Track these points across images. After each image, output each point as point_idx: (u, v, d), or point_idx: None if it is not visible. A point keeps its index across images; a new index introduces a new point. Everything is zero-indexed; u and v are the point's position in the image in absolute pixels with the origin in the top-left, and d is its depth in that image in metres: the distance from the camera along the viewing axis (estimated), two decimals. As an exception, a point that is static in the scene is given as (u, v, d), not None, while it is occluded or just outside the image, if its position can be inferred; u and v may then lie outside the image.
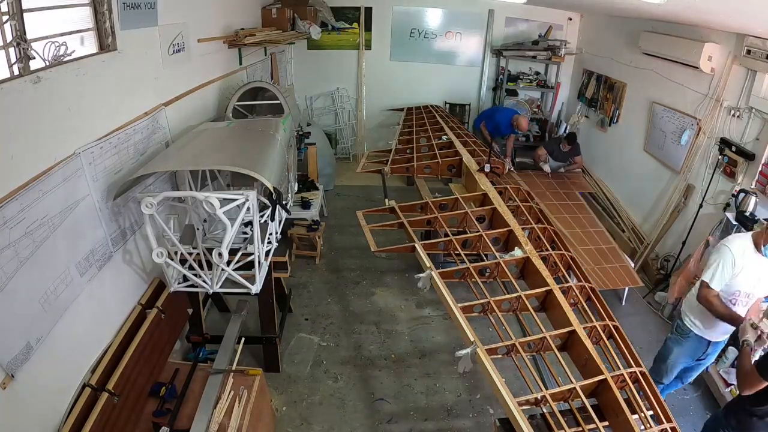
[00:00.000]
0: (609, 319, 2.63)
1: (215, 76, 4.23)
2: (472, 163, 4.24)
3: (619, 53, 5.78)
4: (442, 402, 3.47)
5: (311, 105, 7.60)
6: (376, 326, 4.20)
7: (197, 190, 3.06)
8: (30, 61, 2.04)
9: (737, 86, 3.94)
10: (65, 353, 2.26)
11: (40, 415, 2.11)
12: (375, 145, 7.42)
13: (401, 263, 5.04)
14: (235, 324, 3.30)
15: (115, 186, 2.61)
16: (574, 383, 2.24)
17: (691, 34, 4.30)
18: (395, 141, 5.20)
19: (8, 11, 1.93)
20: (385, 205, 3.56)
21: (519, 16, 7.04)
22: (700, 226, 4.21)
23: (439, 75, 7.41)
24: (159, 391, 2.68)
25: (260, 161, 2.75)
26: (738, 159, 3.83)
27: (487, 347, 2.36)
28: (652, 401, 2.24)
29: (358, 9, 7.05)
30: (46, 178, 2.10)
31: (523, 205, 3.54)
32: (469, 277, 2.91)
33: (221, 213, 2.39)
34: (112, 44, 2.64)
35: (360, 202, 6.47)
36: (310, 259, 5.09)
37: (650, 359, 3.16)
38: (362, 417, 3.34)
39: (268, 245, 3.10)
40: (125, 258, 2.85)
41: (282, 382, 3.56)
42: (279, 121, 3.65)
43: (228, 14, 4.53)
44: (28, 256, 1.99)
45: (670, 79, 4.78)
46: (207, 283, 2.78)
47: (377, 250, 3.21)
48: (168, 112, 3.25)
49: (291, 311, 4.26)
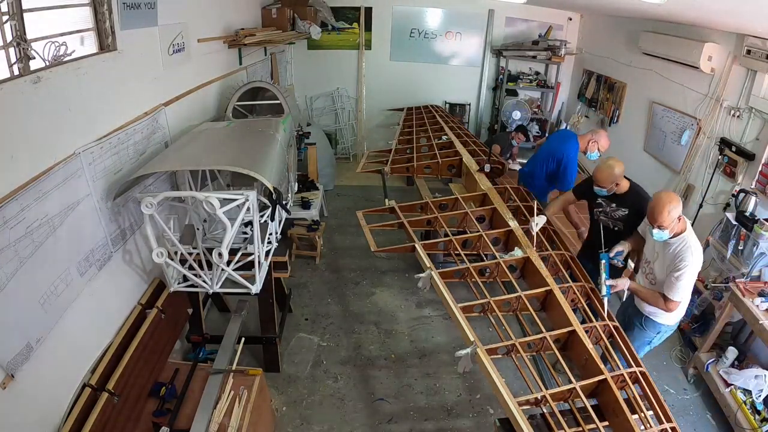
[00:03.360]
0: (609, 319, 2.63)
1: (215, 76, 4.23)
2: (472, 163, 4.24)
3: (619, 53, 5.78)
4: (442, 402, 3.47)
5: (311, 105, 7.60)
6: (376, 326, 4.20)
7: (197, 190, 3.05)
8: (30, 61, 2.04)
9: (737, 86, 3.94)
10: (65, 353, 2.26)
11: (40, 415, 2.11)
12: (375, 145, 7.42)
13: (401, 263, 5.04)
14: (235, 324, 3.30)
15: (114, 186, 2.61)
16: (574, 383, 2.24)
17: (691, 34, 4.30)
18: (395, 141, 5.19)
19: (8, 11, 1.93)
20: (385, 205, 3.56)
21: (519, 16, 7.04)
22: (700, 226, 4.20)
23: (439, 75, 7.41)
24: (159, 391, 2.68)
25: (260, 161, 2.75)
26: (738, 159, 3.83)
27: (487, 347, 2.37)
28: (652, 401, 2.24)
29: (358, 9, 7.05)
30: (46, 178, 2.10)
31: (523, 205, 3.54)
32: (469, 277, 2.91)
33: (221, 213, 2.39)
34: (112, 44, 2.64)
35: (360, 202, 6.47)
36: (310, 259, 5.09)
37: (650, 359, 3.16)
38: (362, 417, 3.34)
39: (268, 245, 3.10)
40: (125, 258, 2.85)
41: (282, 382, 3.56)
42: (279, 121, 3.65)
43: (228, 14, 4.53)
44: (28, 256, 1.99)
45: (670, 79, 4.78)
46: (207, 283, 2.78)
47: (377, 250, 3.20)
48: (168, 112, 3.25)
49: (291, 311, 4.26)
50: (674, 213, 2.48)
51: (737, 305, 3.21)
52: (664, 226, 2.52)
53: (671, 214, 2.48)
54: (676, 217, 2.52)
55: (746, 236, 3.45)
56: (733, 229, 3.57)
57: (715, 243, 3.78)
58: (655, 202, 2.53)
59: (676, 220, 2.53)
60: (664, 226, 2.52)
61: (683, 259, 2.53)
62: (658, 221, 2.51)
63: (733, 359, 3.39)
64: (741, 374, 3.23)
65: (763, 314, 3.03)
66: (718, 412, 3.30)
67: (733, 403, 3.13)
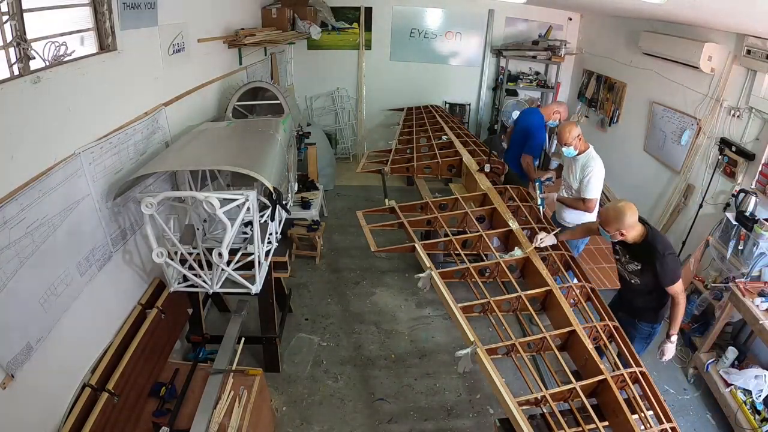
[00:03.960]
0: (609, 319, 2.63)
1: (215, 76, 4.23)
2: (472, 163, 4.24)
3: (619, 53, 5.78)
4: (442, 402, 3.47)
5: (311, 105, 7.60)
6: (376, 326, 4.20)
7: (197, 190, 3.06)
8: (30, 61, 2.04)
9: (737, 86, 3.94)
10: (65, 353, 2.26)
11: (40, 415, 2.11)
12: (375, 145, 7.42)
13: (401, 263, 5.04)
14: (235, 324, 3.30)
15: (115, 186, 2.61)
16: (574, 383, 2.24)
17: (691, 34, 4.30)
18: (395, 141, 5.20)
19: (8, 11, 1.93)
20: (385, 205, 3.57)
21: (519, 16, 7.03)
22: (700, 226, 4.21)
23: (439, 75, 7.41)
24: (159, 391, 2.68)
25: (260, 161, 2.75)
26: (738, 159, 3.83)
27: (487, 347, 2.37)
28: (652, 401, 2.24)
29: (358, 9, 7.05)
30: (46, 178, 2.10)
31: (523, 205, 3.54)
32: (469, 277, 2.91)
33: (221, 213, 2.39)
34: (112, 44, 2.64)
35: (360, 202, 6.46)
36: (310, 259, 5.09)
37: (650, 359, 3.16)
38: (362, 417, 3.34)
39: (268, 245, 3.10)
40: (125, 258, 2.85)
41: (282, 382, 3.56)
42: (279, 121, 3.65)
43: (228, 14, 4.53)
44: (28, 256, 1.99)
45: (670, 79, 4.78)
46: (207, 283, 2.78)
47: (377, 250, 3.21)
48: (168, 112, 3.25)
49: (291, 311, 4.26)
50: (574, 133, 3.39)
51: (737, 305, 3.21)
52: (569, 144, 3.41)
53: (572, 134, 3.38)
54: (577, 137, 3.40)
55: (746, 236, 3.46)
56: (733, 229, 3.57)
57: (715, 243, 3.79)
58: (559, 130, 3.48)
59: (577, 139, 3.40)
60: (569, 143, 3.41)
61: (588, 166, 3.44)
62: (564, 141, 3.41)
63: (733, 359, 3.39)
64: (741, 374, 3.23)
65: (763, 314, 3.03)
66: (718, 412, 3.30)
67: (733, 403, 3.13)
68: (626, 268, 2.79)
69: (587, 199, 3.47)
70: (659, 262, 2.52)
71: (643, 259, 2.62)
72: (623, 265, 2.81)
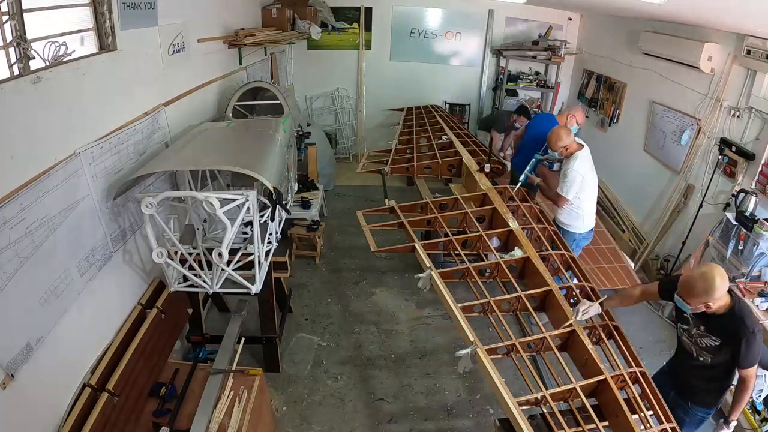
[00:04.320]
0: (609, 319, 2.63)
1: (215, 76, 4.23)
2: (472, 163, 4.24)
3: (619, 53, 5.78)
4: (442, 402, 3.47)
5: (311, 105, 7.60)
6: (376, 326, 4.20)
7: (197, 190, 3.05)
8: (30, 61, 2.04)
9: (737, 86, 3.94)
10: (65, 353, 2.26)
11: (40, 415, 2.11)
12: (375, 145, 7.40)
13: (401, 263, 5.04)
14: (235, 324, 3.30)
15: (115, 186, 2.61)
16: (574, 383, 2.24)
17: (691, 34, 4.30)
18: (395, 141, 5.20)
19: (8, 11, 1.93)
20: (385, 205, 3.57)
21: (519, 16, 7.04)
22: (700, 226, 4.21)
23: (439, 75, 7.41)
24: (159, 391, 2.69)
25: (260, 161, 2.75)
26: (738, 159, 3.83)
27: (487, 347, 2.37)
28: (652, 401, 2.24)
29: (358, 9, 7.06)
30: (46, 178, 2.10)
31: (523, 205, 3.54)
32: (469, 277, 2.91)
33: (221, 213, 2.39)
34: (112, 44, 2.64)
35: (360, 202, 6.47)
36: (310, 259, 5.09)
37: (650, 359, 3.15)
38: (362, 417, 3.34)
39: (268, 245, 3.10)
40: (125, 258, 2.85)
41: (282, 382, 3.56)
42: (279, 121, 3.65)
43: (228, 14, 4.53)
44: (28, 256, 1.99)
45: (670, 79, 4.77)
46: (207, 283, 2.77)
47: (377, 250, 3.21)
48: (168, 112, 3.25)
49: (291, 311, 4.26)
50: (561, 143, 3.48)
51: (737, 305, 3.20)
52: (555, 150, 3.53)
53: (559, 143, 3.48)
54: (564, 147, 3.50)
55: (746, 236, 3.46)
56: (733, 229, 3.57)
57: (715, 243, 3.78)
58: (550, 134, 3.53)
59: (563, 148, 3.50)
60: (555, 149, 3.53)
61: (569, 165, 3.52)
62: (551, 146, 3.53)
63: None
64: (741, 374, 3.22)
65: (763, 314, 3.03)
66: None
67: (733, 403, 3.12)
68: (696, 342, 2.29)
69: (560, 195, 3.55)
70: (746, 340, 2.08)
71: (725, 334, 2.16)
72: (692, 338, 2.31)
